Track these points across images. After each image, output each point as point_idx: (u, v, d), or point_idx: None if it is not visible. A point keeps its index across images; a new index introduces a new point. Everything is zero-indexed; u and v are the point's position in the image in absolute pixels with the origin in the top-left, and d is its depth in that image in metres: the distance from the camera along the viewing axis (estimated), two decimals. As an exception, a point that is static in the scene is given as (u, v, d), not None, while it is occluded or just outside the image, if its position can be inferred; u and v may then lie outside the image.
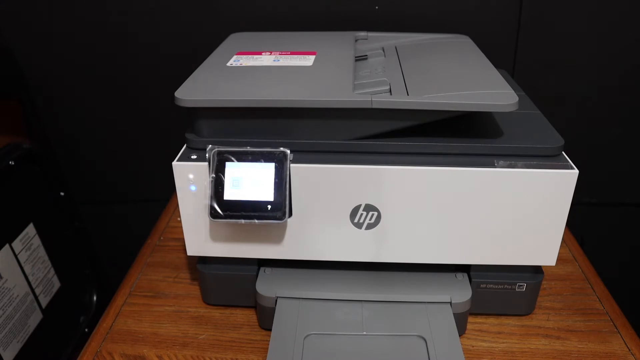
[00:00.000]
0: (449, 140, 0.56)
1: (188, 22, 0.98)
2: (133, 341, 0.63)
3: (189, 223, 0.59)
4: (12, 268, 0.83)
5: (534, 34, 0.97)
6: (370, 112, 0.54)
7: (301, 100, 0.55)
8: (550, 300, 0.68)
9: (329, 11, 0.97)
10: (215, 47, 0.74)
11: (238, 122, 0.57)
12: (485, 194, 0.55)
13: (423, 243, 0.59)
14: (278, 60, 0.66)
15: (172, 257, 0.77)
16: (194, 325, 0.65)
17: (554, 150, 0.56)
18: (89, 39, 1.01)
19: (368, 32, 0.81)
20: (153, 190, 1.13)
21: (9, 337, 0.80)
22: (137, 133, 1.11)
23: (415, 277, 0.63)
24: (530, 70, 1.00)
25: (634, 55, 0.97)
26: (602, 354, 0.60)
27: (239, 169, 0.56)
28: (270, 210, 0.55)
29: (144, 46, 1.01)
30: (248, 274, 0.63)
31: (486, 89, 0.56)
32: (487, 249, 0.59)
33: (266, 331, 0.63)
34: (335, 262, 0.61)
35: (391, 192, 0.56)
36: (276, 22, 0.97)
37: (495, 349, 0.61)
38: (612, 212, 1.13)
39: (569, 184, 0.54)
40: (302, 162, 0.55)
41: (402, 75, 0.63)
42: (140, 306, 0.68)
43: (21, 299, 0.84)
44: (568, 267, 0.75)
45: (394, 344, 0.57)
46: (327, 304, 0.61)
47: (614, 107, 1.02)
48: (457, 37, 0.79)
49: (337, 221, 0.58)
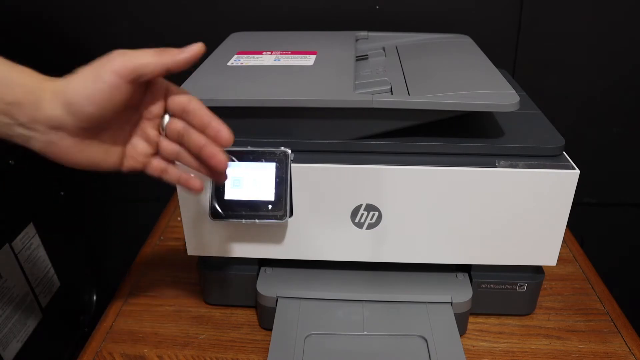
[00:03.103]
0: (449, 140, 0.56)
1: (188, 22, 0.98)
2: (133, 341, 0.63)
3: (189, 223, 0.59)
4: (12, 268, 0.83)
5: (535, 34, 0.97)
6: (371, 112, 0.54)
7: (302, 100, 0.55)
8: (550, 300, 0.68)
9: (329, 11, 0.97)
10: (215, 46, 0.73)
11: (239, 121, 0.57)
12: (486, 194, 0.55)
13: (424, 243, 0.59)
14: (279, 60, 0.65)
15: (172, 257, 0.77)
16: (194, 325, 0.65)
17: (554, 150, 0.56)
18: (88, 38, 1.01)
19: (369, 32, 0.80)
20: (153, 190, 1.12)
21: (8, 336, 0.80)
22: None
23: (416, 277, 0.63)
24: (531, 70, 1.00)
25: (634, 55, 0.97)
26: (602, 354, 0.60)
27: (240, 169, 0.56)
28: (271, 210, 0.55)
29: (144, 46, 1.01)
30: (248, 274, 0.63)
31: (487, 88, 0.55)
32: (487, 249, 0.59)
33: (267, 331, 0.63)
34: (336, 262, 0.61)
35: (392, 192, 0.56)
36: (277, 21, 0.97)
37: (496, 349, 0.61)
38: (612, 212, 1.13)
39: (569, 184, 0.54)
40: (303, 162, 0.55)
41: (403, 75, 0.63)
42: (140, 306, 0.68)
43: (21, 299, 0.84)
44: (568, 267, 0.75)
45: (395, 344, 0.56)
46: (328, 304, 0.61)
47: (614, 107, 1.02)
48: (458, 37, 0.79)
49: (338, 221, 0.57)
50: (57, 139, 0.44)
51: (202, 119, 0.47)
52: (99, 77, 0.42)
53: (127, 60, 0.44)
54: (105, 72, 0.43)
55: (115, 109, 0.44)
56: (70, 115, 0.43)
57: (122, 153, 0.48)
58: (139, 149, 0.48)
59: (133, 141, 0.48)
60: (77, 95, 0.42)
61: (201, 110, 0.47)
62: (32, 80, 0.43)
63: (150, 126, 0.48)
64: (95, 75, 0.43)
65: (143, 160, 0.49)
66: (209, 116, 0.47)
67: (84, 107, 0.42)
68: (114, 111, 0.44)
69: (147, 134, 0.48)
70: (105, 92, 0.42)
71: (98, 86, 0.42)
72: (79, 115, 0.43)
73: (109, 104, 0.43)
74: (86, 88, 0.42)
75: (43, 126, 0.43)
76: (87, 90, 0.42)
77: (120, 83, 0.43)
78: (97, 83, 0.42)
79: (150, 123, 0.48)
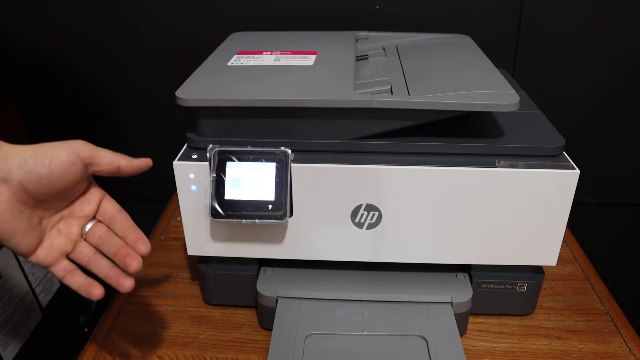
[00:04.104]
0: (449, 140, 0.56)
1: (188, 22, 0.98)
2: (133, 341, 0.63)
3: (189, 223, 0.59)
4: (12, 268, 0.83)
5: (535, 34, 0.97)
6: (371, 112, 0.54)
7: (302, 100, 0.55)
8: (551, 300, 0.68)
9: (329, 11, 0.97)
10: (215, 46, 0.73)
11: (239, 121, 0.57)
12: (486, 194, 0.55)
13: (424, 243, 0.59)
14: (279, 60, 0.65)
15: (172, 257, 0.77)
16: (194, 325, 0.65)
17: (554, 150, 0.56)
18: (88, 39, 1.01)
19: (369, 32, 0.80)
20: (153, 190, 1.12)
21: (8, 336, 0.80)
22: (137, 133, 1.11)
23: (416, 277, 0.63)
24: (531, 70, 1.00)
25: (634, 55, 0.97)
26: (602, 354, 0.60)
27: (240, 169, 0.56)
28: (271, 210, 0.55)
29: (144, 46, 1.01)
30: (248, 274, 0.63)
31: (487, 88, 0.55)
32: (487, 249, 0.59)
33: (267, 331, 0.63)
34: (336, 262, 0.61)
35: (392, 192, 0.56)
36: (277, 21, 0.97)
37: (496, 349, 0.61)
38: (612, 212, 1.13)
39: (569, 184, 0.54)
40: (303, 162, 0.55)
41: (403, 75, 0.63)
42: (140, 306, 0.68)
43: (21, 299, 0.84)
44: (569, 267, 0.75)
45: (395, 344, 0.56)
46: (328, 304, 0.61)
47: (614, 107, 1.02)
48: (458, 36, 0.79)
49: (338, 221, 0.57)
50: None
51: (126, 227, 0.51)
52: (61, 150, 0.46)
53: (89, 147, 0.48)
54: (68, 148, 0.46)
55: (64, 185, 0.47)
56: (22, 172, 0.44)
57: (40, 239, 0.49)
58: (58, 243, 0.50)
59: (53, 234, 0.50)
60: (36, 156, 0.45)
61: (128, 221, 0.52)
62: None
63: (75, 224, 0.51)
64: (58, 147, 0.46)
65: (56, 256, 0.50)
66: (133, 226, 0.52)
67: (38, 169, 0.45)
68: (61, 187, 0.47)
69: (70, 230, 0.51)
70: (62, 163, 0.46)
71: (58, 155, 0.46)
72: (31, 176, 0.44)
73: (60, 177, 0.46)
74: (46, 153, 0.45)
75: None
76: (46, 155, 0.45)
77: (77, 161, 0.46)
78: (58, 152, 0.46)
79: (76, 221, 0.51)
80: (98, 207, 0.52)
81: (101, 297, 0.50)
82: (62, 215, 0.50)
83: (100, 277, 0.51)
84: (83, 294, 0.50)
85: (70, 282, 0.50)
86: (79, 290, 0.50)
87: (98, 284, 0.50)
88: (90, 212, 0.52)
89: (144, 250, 0.51)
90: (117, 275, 0.50)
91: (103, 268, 0.50)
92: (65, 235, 0.50)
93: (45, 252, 0.49)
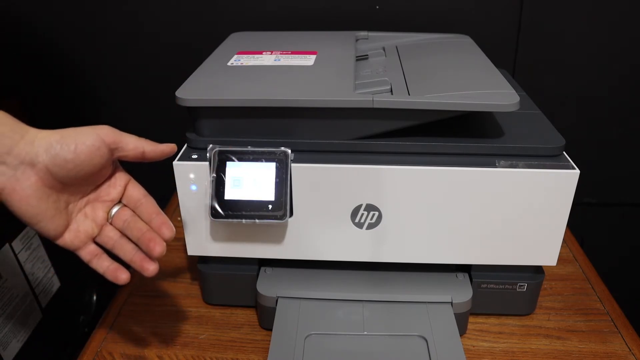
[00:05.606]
0: (449, 140, 0.56)
1: (189, 22, 0.98)
2: (133, 341, 0.63)
3: (189, 223, 0.59)
4: (12, 268, 0.83)
5: (535, 34, 0.97)
6: (371, 112, 0.54)
7: (302, 100, 0.55)
8: (550, 300, 0.68)
9: (329, 11, 0.97)
10: (215, 46, 0.73)
11: (239, 121, 0.57)
12: (486, 194, 0.55)
13: (424, 243, 0.59)
14: (279, 60, 0.65)
15: (172, 257, 0.77)
16: (194, 325, 0.65)
17: (555, 150, 0.56)
18: (89, 39, 1.01)
19: (369, 32, 0.80)
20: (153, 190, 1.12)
21: (8, 336, 0.80)
22: (137, 133, 1.10)
23: (416, 277, 0.63)
24: (531, 70, 1.00)
25: (634, 55, 0.97)
26: (602, 354, 0.60)
27: (240, 169, 0.56)
28: (271, 210, 0.55)
29: (144, 46, 1.01)
30: (248, 274, 0.63)
31: (487, 88, 0.55)
32: (487, 249, 0.59)
33: (267, 331, 0.63)
34: (336, 262, 0.61)
35: (392, 192, 0.56)
36: (277, 21, 0.97)
37: (496, 349, 0.61)
38: (612, 212, 1.13)
39: (570, 184, 0.54)
40: (303, 162, 0.55)
41: (403, 75, 0.63)
42: (140, 306, 0.68)
43: (21, 299, 0.84)
44: (569, 267, 0.75)
45: (395, 344, 0.56)
46: (328, 304, 0.61)
47: (614, 107, 1.02)
48: (458, 36, 0.79)
49: (338, 221, 0.57)
50: (23, 177, 0.44)
51: (151, 211, 0.51)
52: (87, 134, 0.46)
53: (114, 132, 0.48)
54: (93, 133, 0.47)
55: (89, 170, 0.47)
56: (48, 156, 0.44)
57: (67, 223, 0.49)
58: (85, 227, 0.50)
59: (79, 218, 0.50)
60: (62, 141, 0.45)
61: (153, 205, 0.52)
62: (18, 125, 0.45)
63: (101, 208, 0.51)
64: (84, 132, 0.46)
65: (83, 240, 0.50)
66: (158, 211, 0.52)
67: (64, 153, 0.45)
68: (86, 172, 0.47)
69: (96, 214, 0.51)
70: (87, 148, 0.46)
71: (83, 140, 0.46)
72: (57, 160, 0.45)
73: (86, 161, 0.46)
74: (72, 138, 0.45)
75: (16, 159, 0.44)
76: (71, 140, 0.45)
77: (102, 146, 0.46)
78: (83, 137, 0.46)
79: (102, 205, 0.51)
80: (124, 192, 0.52)
81: (127, 281, 0.50)
82: (89, 199, 0.51)
83: (125, 260, 0.51)
84: (109, 278, 0.50)
85: (97, 265, 0.51)
86: (105, 274, 0.51)
87: (124, 269, 0.51)
88: (116, 197, 0.52)
89: (168, 234, 0.50)
90: (141, 259, 0.50)
91: (128, 252, 0.51)
92: (92, 219, 0.50)
93: (72, 235, 0.49)
